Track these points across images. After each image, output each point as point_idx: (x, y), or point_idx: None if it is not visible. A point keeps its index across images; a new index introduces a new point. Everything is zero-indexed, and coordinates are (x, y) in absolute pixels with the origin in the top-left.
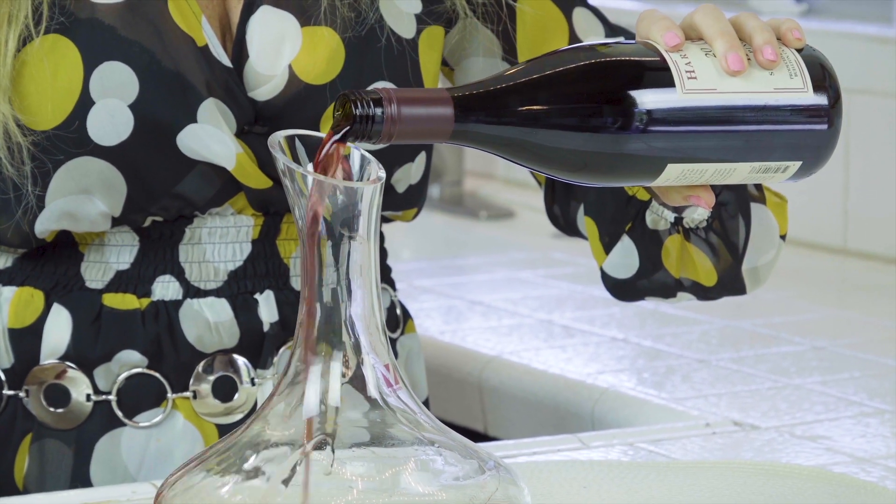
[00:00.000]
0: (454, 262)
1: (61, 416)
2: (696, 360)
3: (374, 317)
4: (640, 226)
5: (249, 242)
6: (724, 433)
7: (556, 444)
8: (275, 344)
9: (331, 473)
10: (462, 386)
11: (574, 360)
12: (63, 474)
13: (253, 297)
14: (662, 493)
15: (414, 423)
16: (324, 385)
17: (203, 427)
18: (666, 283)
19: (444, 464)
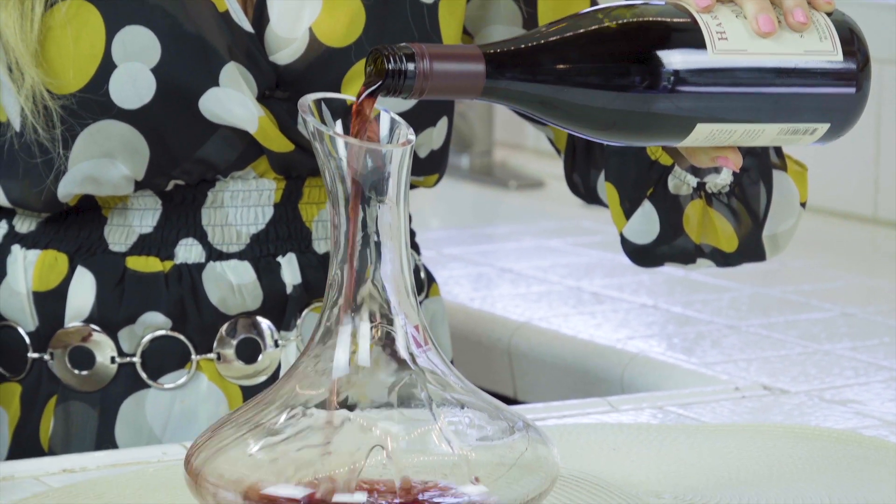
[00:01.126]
0: (484, 231)
1: (86, 378)
2: (726, 325)
3: (404, 278)
4: (662, 191)
5: (271, 206)
6: (754, 397)
7: (586, 408)
8: (298, 306)
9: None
10: (491, 352)
11: (603, 326)
12: (88, 436)
13: (275, 260)
14: (692, 455)
15: (443, 384)
16: (353, 346)
17: (227, 389)
18: (686, 249)
19: (474, 424)
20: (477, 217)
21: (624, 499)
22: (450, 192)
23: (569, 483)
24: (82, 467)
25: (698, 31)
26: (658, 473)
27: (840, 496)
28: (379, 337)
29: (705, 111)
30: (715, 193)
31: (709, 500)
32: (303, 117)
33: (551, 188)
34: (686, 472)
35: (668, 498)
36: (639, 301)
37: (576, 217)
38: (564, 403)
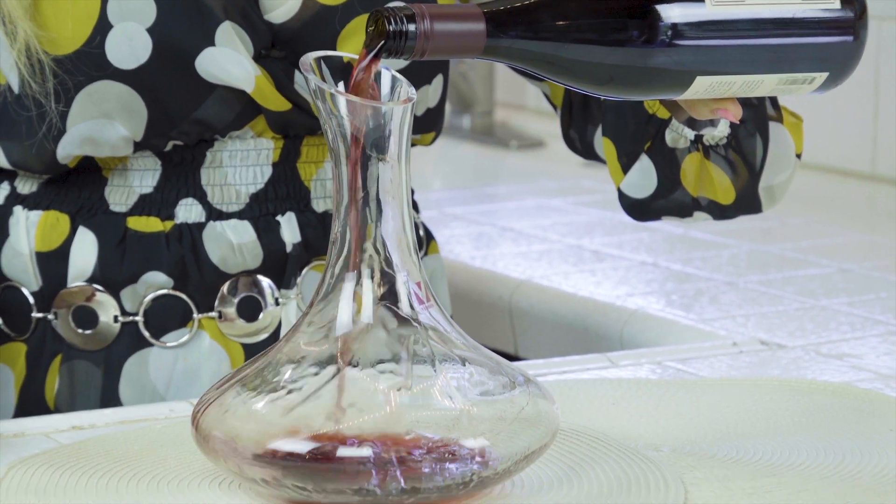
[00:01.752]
0: (485, 191)
1: (90, 337)
2: (724, 282)
3: (406, 236)
4: (660, 144)
5: (270, 165)
6: (751, 352)
7: (586, 363)
8: (297, 265)
9: (364, 389)
10: (493, 310)
11: (603, 283)
12: (93, 394)
13: (275, 219)
14: (690, 408)
15: (445, 340)
16: (356, 302)
17: (229, 347)
18: (683, 202)
19: (475, 379)
20: (478, 177)
21: (623, 452)
22: (451, 152)
23: (569, 437)
24: (91, 424)
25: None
26: (656, 427)
27: (836, 448)
28: (381, 294)
29: (704, 64)
30: (712, 146)
31: (706, 452)
32: (304, 76)
33: (552, 148)
34: (684, 426)
35: (667, 451)
36: (638, 259)
37: (576, 176)
38: (565, 359)
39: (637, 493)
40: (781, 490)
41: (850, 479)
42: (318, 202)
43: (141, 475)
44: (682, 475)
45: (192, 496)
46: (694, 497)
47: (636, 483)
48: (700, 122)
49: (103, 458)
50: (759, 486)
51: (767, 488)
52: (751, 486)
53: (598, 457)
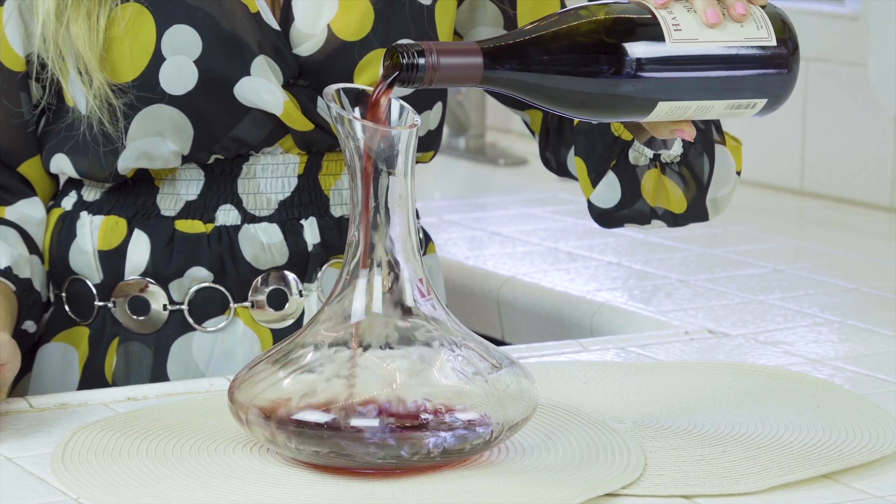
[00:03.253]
0: (477, 201)
1: (143, 322)
2: (678, 280)
3: (410, 239)
4: (624, 162)
5: (296, 177)
6: (701, 339)
7: (561, 348)
8: (318, 262)
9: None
10: (483, 302)
11: (576, 280)
12: (145, 371)
13: (299, 223)
14: (649, 387)
15: (443, 328)
16: (368, 295)
17: (260, 332)
18: (643, 212)
19: (468, 361)
20: (471, 189)
21: (592, 424)
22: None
23: (547, 411)
24: (143, 396)
25: (657, 24)
26: (621, 403)
27: (771, 422)
28: (389, 288)
29: (665, 92)
30: (668, 163)
31: (662, 424)
32: (327, 104)
33: (534, 165)
34: (644, 402)
35: (629, 423)
36: (606, 259)
37: (554, 189)
38: (543, 345)
39: (604, 459)
40: (726, 457)
41: (783, 449)
42: (335, 209)
43: (184, 440)
44: (643, 444)
45: (227, 458)
46: (652, 462)
47: (604, 450)
48: (657, 143)
49: (153, 425)
50: (707, 454)
51: (714, 455)
52: (700, 454)
53: (572, 428)
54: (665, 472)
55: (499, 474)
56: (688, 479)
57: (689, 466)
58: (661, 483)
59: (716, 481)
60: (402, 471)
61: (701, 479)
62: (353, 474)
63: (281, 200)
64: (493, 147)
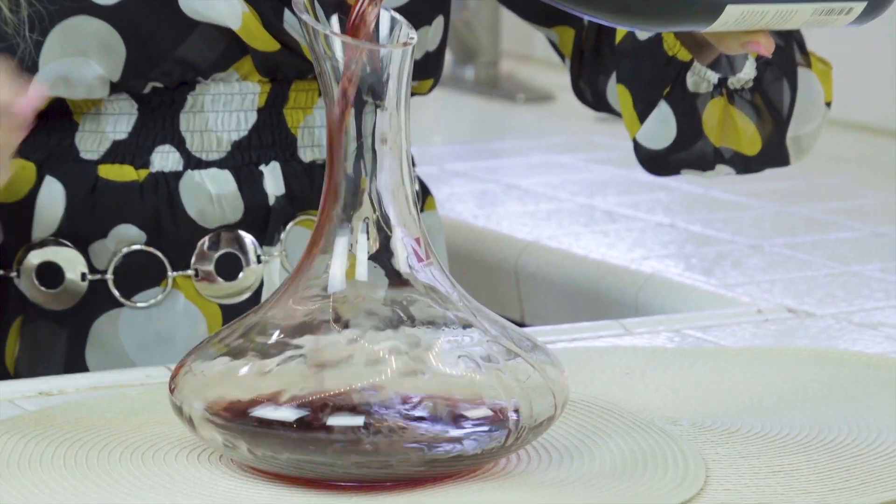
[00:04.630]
0: (489, 146)
1: (55, 296)
2: (748, 245)
3: (404, 189)
4: (680, 90)
5: (255, 111)
6: (777, 320)
7: (598, 330)
8: (281, 219)
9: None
10: (497, 273)
11: (617, 245)
12: (56, 358)
13: (258, 169)
14: (710, 378)
15: (445, 301)
16: (350, 259)
17: (206, 308)
18: (705, 154)
19: (478, 344)
20: (482, 132)
21: (638, 425)
22: (453, 105)
23: (579, 408)
24: (60, 390)
25: None
26: (674, 399)
27: (869, 423)
28: (377, 250)
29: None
30: (737, 90)
31: (728, 426)
32: (297, 15)
33: (562, 101)
34: (704, 398)
35: (686, 424)
36: (655, 219)
37: (588, 132)
38: (575, 326)
39: (653, 470)
40: (809, 468)
41: (885, 457)
42: (305, 151)
43: (113, 445)
44: (702, 451)
45: (168, 469)
46: (715, 474)
47: (652, 458)
48: (723, 65)
49: (73, 427)
50: (786, 464)
51: (794, 466)
52: (777, 464)
53: (611, 430)
54: (731, 485)
55: (517, 488)
56: (761, 495)
57: (763, 479)
58: (728, 500)
59: (797, 498)
60: (393, 484)
61: (778, 494)
62: (330, 488)
63: (235, 141)
64: (509, 78)
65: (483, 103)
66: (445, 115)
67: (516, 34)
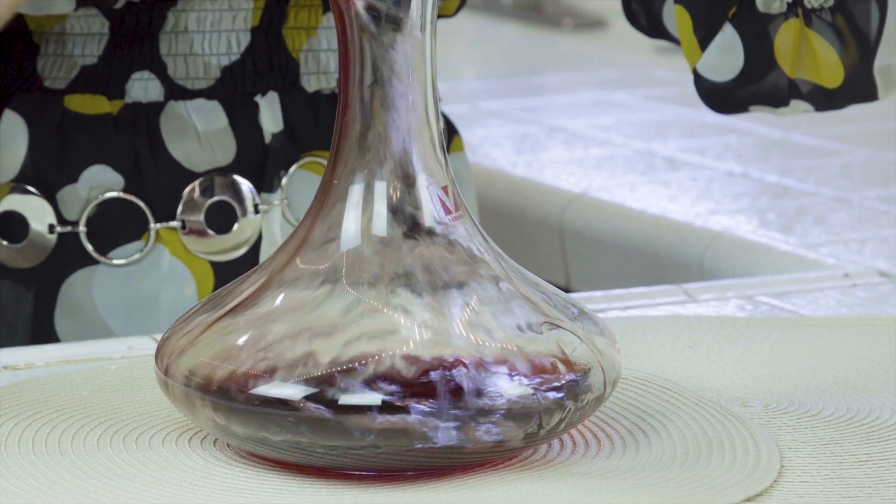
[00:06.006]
0: (530, 82)
1: (18, 251)
2: (834, 198)
3: (429, 128)
4: (748, 9)
5: (248, 31)
6: (868, 285)
7: (656, 297)
8: (280, 160)
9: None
10: (539, 229)
11: (679, 197)
12: (21, 324)
13: (252, 100)
14: (787, 352)
15: (477, 260)
16: (366, 211)
17: (194, 266)
18: (777, 87)
19: (516, 310)
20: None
21: (703, 406)
22: (487, 32)
23: (633, 385)
24: (28, 364)
25: None
26: (745, 376)
27: None
28: (397, 200)
29: None
30: (814, 9)
31: (808, 409)
32: None
33: (615, 28)
34: (780, 376)
35: (758, 406)
36: (724, 167)
37: (646, 64)
38: (629, 292)
39: (720, 457)
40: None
41: None
42: (309, 79)
43: (90, 427)
44: (777, 437)
45: (155, 455)
46: (791, 463)
47: (719, 445)
48: None
49: (42, 406)
50: (874, 452)
51: (884, 455)
52: (864, 452)
53: (672, 412)
54: (810, 477)
55: (559, 479)
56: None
57: (847, 470)
58: (806, 493)
59: (887, 492)
60: (416, 473)
61: (864, 488)
62: (344, 478)
63: (225, 66)
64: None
65: (522, 30)
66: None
67: None
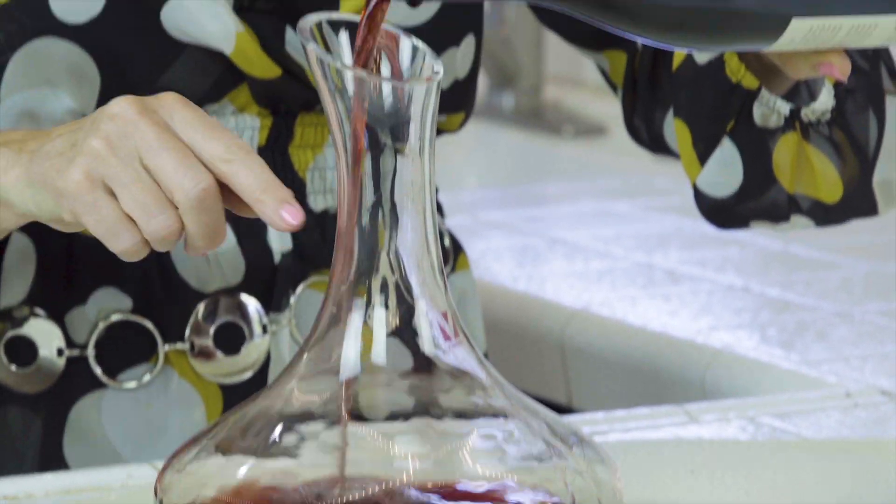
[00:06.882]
0: (530, 191)
1: (27, 376)
2: (835, 313)
3: (429, 253)
4: (746, 123)
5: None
6: (870, 405)
7: (657, 418)
8: (289, 280)
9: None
10: (539, 346)
11: (680, 312)
12: (30, 450)
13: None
14: (790, 478)
15: (477, 388)
16: (366, 338)
17: (204, 388)
18: (777, 202)
19: (515, 439)
20: (522, 173)
21: None
22: (488, 139)
23: None
24: (27, 494)
25: None
26: (748, 501)
27: None
28: (397, 327)
29: (802, 3)
30: (812, 123)
31: None
32: (303, 44)
33: (616, 135)
34: (783, 500)
35: None
36: (725, 281)
37: (648, 172)
38: (631, 413)
39: None
40: None
41: None
42: (315, 198)
43: None
44: None
45: None
46: None
47: None
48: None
49: None
50: None
51: None
52: None
53: None
54: None
55: None
56: None
57: None
58: None
59: None
60: None
61: None
62: None
63: None
64: (554, 107)
65: (523, 137)
66: (479, 152)
67: (562, 54)
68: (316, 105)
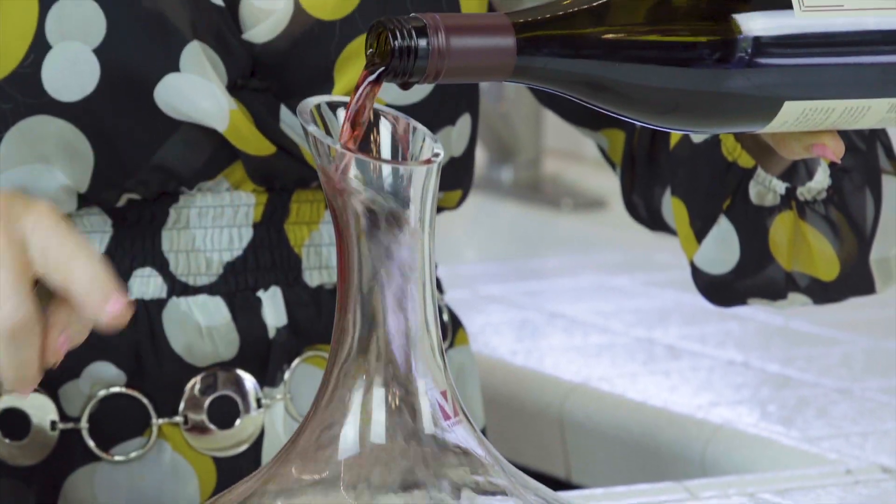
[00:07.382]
0: (530, 264)
1: (20, 449)
2: (836, 389)
3: (429, 333)
4: (742, 202)
5: (250, 226)
6: (870, 482)
7: (658, 494)
8: (284, 355)
9: None
10: (538, 420)
11: (680, 388)
12: None
13: (255, 295)
14: None
15: (477, 466)
16: (364, 417)
17: (197, 462)
18: (774, 280)
19: None
20: (520, 246)
21: None
22: (487, 213)
23: None
24: None
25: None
26: None
27: None
28: (397, 406)
29: (794, 87)
30: (808, 201)
31: None
32: (304, 127)
33: (615, 209)
34: None
35: None
36: (725, 356)
37: (647, 247)
38: (631, 489)
39: None
40: None
41: None
42: (311, 274)
43: None
44: None
45: None
46: None
47: None
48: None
49: None
50: None
51: None
52: None
53: None
54: None
55: None
56: None
57: None
58: None
59: None
60: None
61: None
62: None
63: (227, 262)
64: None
65: (523, 211)
66: (478, 225)
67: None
68: (311, 182)
